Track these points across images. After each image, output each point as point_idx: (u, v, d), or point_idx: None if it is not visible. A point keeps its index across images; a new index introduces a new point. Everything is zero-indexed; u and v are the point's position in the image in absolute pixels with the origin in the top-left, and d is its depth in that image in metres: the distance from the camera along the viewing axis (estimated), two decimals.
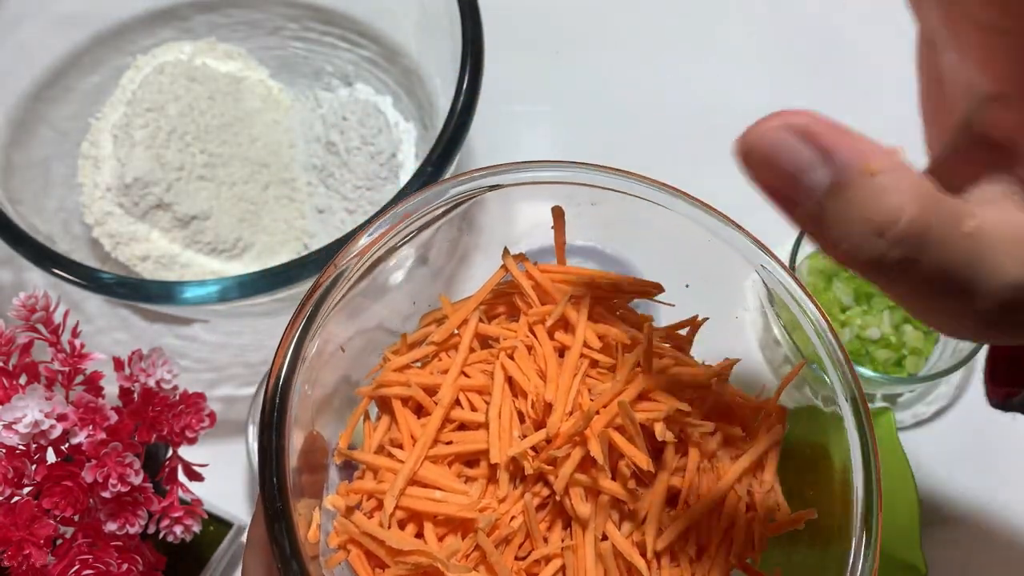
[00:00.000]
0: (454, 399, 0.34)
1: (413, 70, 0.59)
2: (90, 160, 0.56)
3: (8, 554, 0.37)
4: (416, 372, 0.35)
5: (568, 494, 0.32)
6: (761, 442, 0.34)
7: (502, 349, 0.35)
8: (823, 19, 0.69)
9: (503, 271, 0.36)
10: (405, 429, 0.34)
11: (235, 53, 0.60)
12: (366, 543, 0.32)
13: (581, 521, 0.32)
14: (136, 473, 0.38)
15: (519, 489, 0.33)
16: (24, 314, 0.40)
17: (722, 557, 0.33)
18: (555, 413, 0.32)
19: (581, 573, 0.32)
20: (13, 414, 0.37)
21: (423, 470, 0.33)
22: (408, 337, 0.36)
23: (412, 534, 0.32)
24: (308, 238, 0.57)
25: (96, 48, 0.58)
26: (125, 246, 0.54)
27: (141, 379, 0.40)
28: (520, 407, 0.34)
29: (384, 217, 0.33)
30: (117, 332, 0.58)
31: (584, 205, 0.36)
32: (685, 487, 0.33)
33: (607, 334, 0.34)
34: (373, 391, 0.35)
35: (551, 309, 0.35)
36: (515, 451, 0.32)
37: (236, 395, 0.57)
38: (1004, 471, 0.56)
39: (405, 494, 0.32)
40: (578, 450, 0.31)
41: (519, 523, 0.32)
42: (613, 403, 0.31)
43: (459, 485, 0.33)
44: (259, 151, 0.57)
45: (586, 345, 0.34)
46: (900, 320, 0.56)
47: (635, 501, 0.32)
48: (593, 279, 0.36)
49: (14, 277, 0.58)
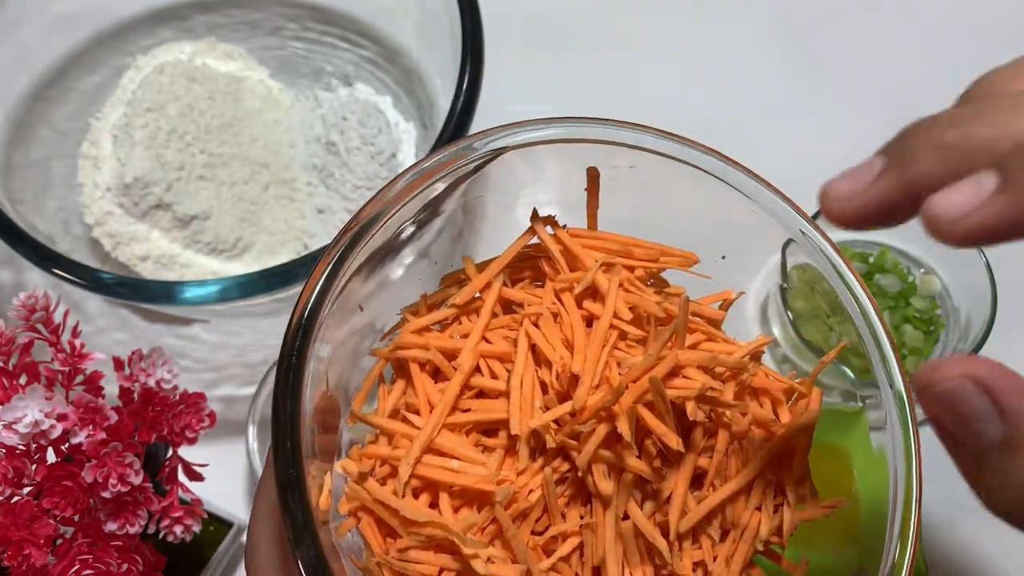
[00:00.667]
0: (474, 365, 0.33)
1: (413, 70, 0.59)
2: (90, 160, 0.56)
3: (8, 554, 0.37)
4: (435, 335, 0.34)
5: (591, 470, 0.30)
6: (793, 425, 0.33)
7: (526, 315, 0.33)
8: (825, 20, 0.69)
9: (530, 234, 0.35)
10: (422, 394, 0.33)
11: (235, 53, 0.60)
12: (378, 511, 0.31)
13: (603, 499, 0.31)
14: (136, 473, 0.38)
15: (538, 462, 0.31)
16: (24, 314, 0.40)
17: (746, 542, 0.32)
18: (582, 386, 0.30)
19: (600, 552, 0.31)
20: (13, 414, 0.37)
21: (440, 438, 0.31)
22: (428, 297, 0.35)
23: (426, 504, 0.31)
24: (308, 238, 0.57)
25: (96, 48, 0.58)
26: (125, 246, 0.54)
27: (141, 379, 0.40)
28: (543, 377, 0.32)
29: (415, 169, 0.32)
30: (117, 332, 0.58)
31: (621, 168, 0.34)
32: (712, 469, 0.32)
33: (639, 305, 0.32)
34: (390, 353, 0.33)
35: (580, 276, 0.33)
36: (537, 423, 0.30)
37: (236, 395, 0.57)
38: None
39: (421, 462, 0.31)
40: (604, 425, 0.30)
41: (537, 497, 0.31)
42: (643, 378, 0.30)
43: (477, 455, 0.31)
44: (259, 151, 0.57)
45: (616, 316, 0.32)
46: (900, 320, 0.56)
47: (660, 481, 0.31)
48: (626, 246, 0.34)
49: (14, 277, 0.58)
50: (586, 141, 0.34)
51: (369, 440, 0.33)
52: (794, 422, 0.33)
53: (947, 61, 0.66)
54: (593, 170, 0.34)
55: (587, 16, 0.69)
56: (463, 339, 0.33)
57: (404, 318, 0.35)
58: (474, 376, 0.33)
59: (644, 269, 0.34)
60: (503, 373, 0.33)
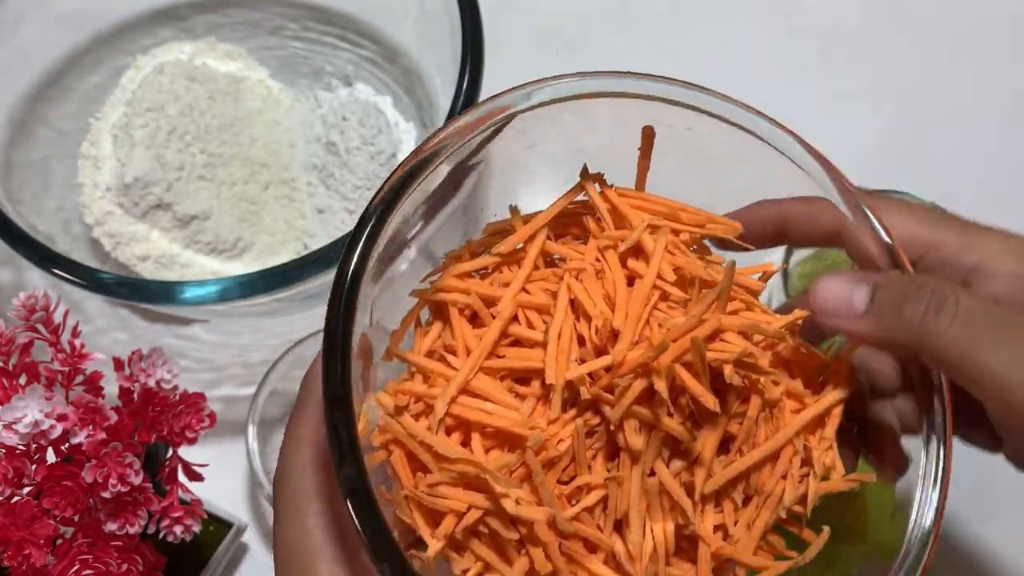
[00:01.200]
0: (513, 313, 0.33)
1: (413, 70, 0.59)
2: (90, 160, 0.56)
3: (8, 554, 0.37)
4: (476, 282, 0.34)
5: (622, 425, 0.31)
6: (826, 398, 0.33)
7: (568, 270, 0.33)
8: (824, 22, 0.69)
9: (577, 190, 0.35)
10: (460, 338, 0.33)
11: (235, 53, 0.60)
12: (411, 445, 0.31)
13: (632, 454, 0.31)
14: (136, 473, 0.38)
15: (570, 413, 0.32)
16: (24, 314, 0.40)
17: (769, 508, 0.33)
18: (622, 340, 0.30)
19: (624, 505, 0.31)
20: (13, 414, 0.37)
21: (476, 380, 0.32)
22: (472, 244, 0.35)
23: (457, 443, 0.31)
24: (308, 238, 0.57)
25: (96, 48, 0.58)
26: (125, 246, 0.54)
27: (141, 379, 0.40)
28: (581, 330, 0.32)
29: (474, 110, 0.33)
30: (117, 332, 0.58)
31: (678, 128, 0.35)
32: (742, 434, 0.32)
33: (684, 267, 0.33)
34: (432, 295, 0.34)
35: (626, 234, 0.33)
36: (574, 374, 0.31)
37: (236, 395, 0.57)
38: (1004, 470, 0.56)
39: (456, 402, 0.31)
40: (640, 381, 0.30)
41: (566, 447, 0.31)
42: (684, 339, 0.30)
43: (511, 400, 0.32)
44: (259, 151, 0.57)
45: (660, 276, 0.32)
46: None
47: (690, 441, 0.31)
48: (673, 210, 0.35)
49: (14, 277, 0.58)
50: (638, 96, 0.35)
51: (404, 378, 0.33)
52: (826, 395, 0.34)
53: (950, 65, 0.66)
54: (649, 129, 0.34)
55: (587, 16, 0.69)
56: (503, 288, 0.33)
57: (446, 262, 0.35)
58: (511, 325, 0.33)
59: (689, 234, 0.35)
60: (540, 325, 0.33)
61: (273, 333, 0.58)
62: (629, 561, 0.31)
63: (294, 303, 0.51)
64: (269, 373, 0.51)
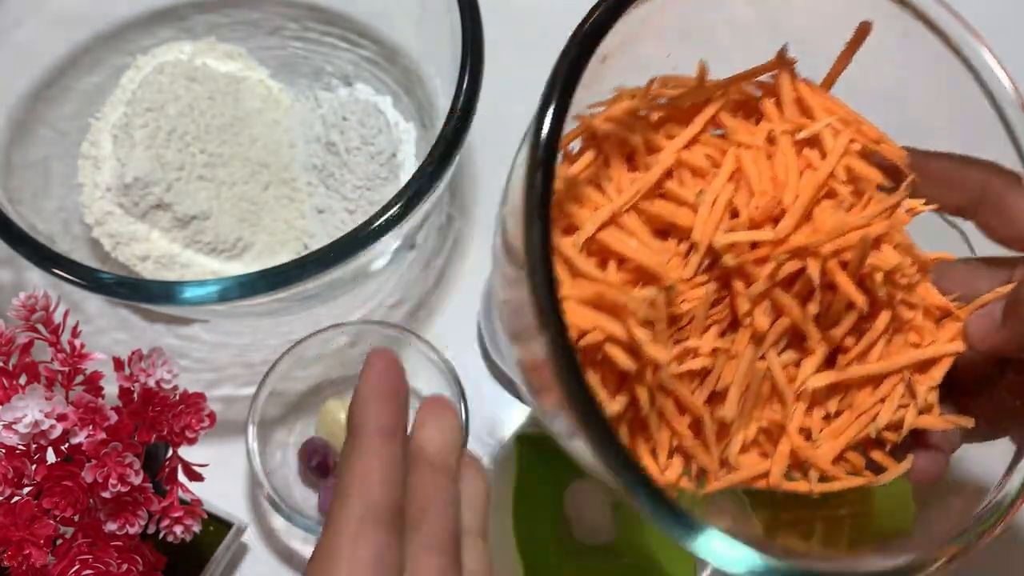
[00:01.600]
0: (672, 164, 0.33)
1: (413, 70, 0.59)
2: (90, 160, 0.56)
3: (8, 554, 0.37)
4: (644, 124, 0.34)
5: (756, 303, 0.31)
6: (947, 345, 0.34)
7: (738, 142, 0.33)
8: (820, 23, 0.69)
9: (765, 68, 0.35)
10: (615, 174, 0.33)
11: (235, 53, 0.60)
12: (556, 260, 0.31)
13: (755, 334, 0.32)
14: (136, 473, 0.38)
15: (701, 278, 0.32)
16: (24, 314, 0.40)
17: (861, 424, 0.33)
18: (789, 218, 0.31)
19: (727, 380, 0.32)
20: (13, 414, 0.37)
21: (625, 216, 0.32)
22: (648, 87, 0.35)
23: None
24: (308, 238, 0.57)
25: (96, 48, 0.58)
26: (125, 246, 0.54)
27: (141, 379, 0.40)
28: (737, 203, 0.32)
29: None
30: (117, 332, 0.58)
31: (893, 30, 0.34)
32: (859, 348, 0.33)
33: (860, 171, 0.33)
34: (600, 123, 0.33)
35: (806, 124, 0.34)
36: (727, 239, 0.31)
37: (236, 395, 0.57)
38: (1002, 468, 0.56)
39: (602, 230, 0.31)
40: (794, 263, 0.31)
41: (687, 308, 0.31)
42: (851, 235, 0.31)
43: (655, 242, 0.32)
44: (259, 151, 0.57)
45: (832, 174, 0.32)
46: None
47: (810, 338, 0.32)
48: (855, 119, 0.35)
49: (14, 277, 0.58)
50: None
51: (560, 198, 0.33)
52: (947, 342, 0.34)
53: None
54: (866, 25, 0.34)
55: None
56: (668, 139, 0.33)
57: (617, 96, 0.34)
58: (665, 180, 0.33)
59: (862, 147, 0.34)
60: (692, 188, 0.33)
61: (273, 333, 0.58)
62: (712, 434, 0.32)
63: (294, 303, 0.51)
64: (269, 373, 0.51)
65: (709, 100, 0.34)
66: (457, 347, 0.57)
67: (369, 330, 0.54)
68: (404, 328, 0.53)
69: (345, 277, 0.49)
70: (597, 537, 0.53)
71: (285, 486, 0.52)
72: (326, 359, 0.55)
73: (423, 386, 0.55)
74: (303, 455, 0.53)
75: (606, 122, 0.33)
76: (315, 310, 0.57)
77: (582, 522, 0.54)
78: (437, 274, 0.60)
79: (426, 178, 0.45)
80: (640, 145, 0.33)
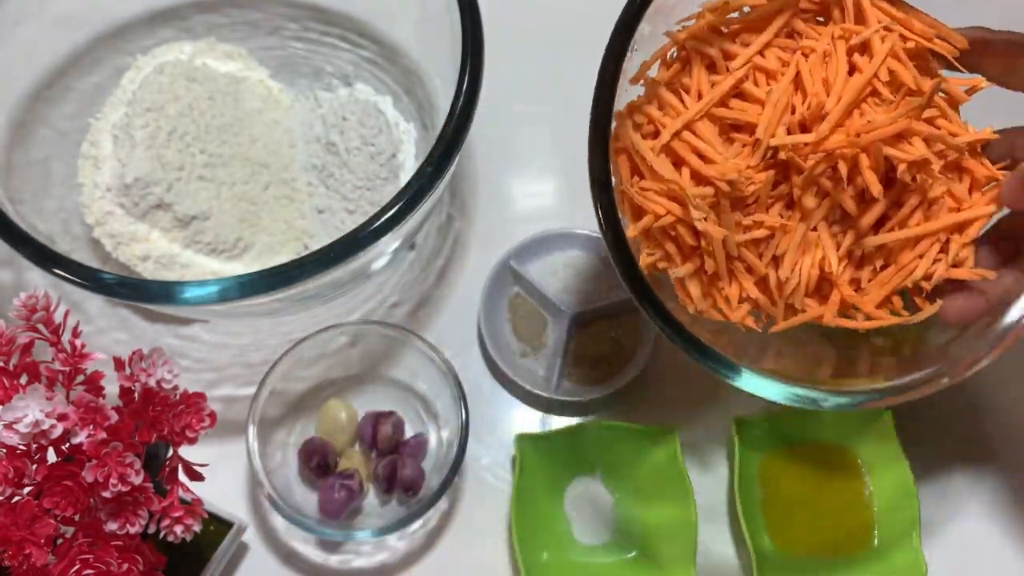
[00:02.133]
0: (746, 72, 0.40)
1: (413, 70, 0.59)
2: (90, 160, 0.56)
3: (9, 554, 0.37)
4: (721, 37, 0.41)
5: (806, 187, 0.39)
6: (980, 209, 0.40)
7: (802, 48, 0.40)
8: None
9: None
10: (696, 81, 0.41)
11: (235, 53, 0.60)
12: (635, 156, 0.41)
13: (804, 211, 0.40)
14: (136, 473, 0.38)
15: (766, 162, 0.40)
16: (25, 314, 0.40)
17: (901, 276, 0.41)
18: (828, 122, 0.38)
19: (784, 246, 0.40)
20: (14, 414, 0.37)
21: (699, 123, 0.40)
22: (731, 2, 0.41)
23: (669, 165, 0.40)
24: (308, 238, 0.57)
25: (96, 48, 0.58)
26: (125, 246, 0.54)
27: (141, 379, 0.40)
28: (795, 103, 0.39)
29: None
30: (117, 332, 0.58)
31: None
32: (897, 219, 0.40)
33: (899, 72, 0.39)
34: (684, 38, 0.41)
35: (860, 29, 0.40)
36: (778, 141, 0.39)
37: (236, 395, 0.57)
38: (1003, 468, 0.56)
39: (678, 136, 0.40)
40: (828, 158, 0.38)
41: (753, 189, 0.39)
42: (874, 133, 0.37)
43: (722, 149, 0.40)
44: (259, 151, 0.57)
45: (875, 76, 0.39)
46: None
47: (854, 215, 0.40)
48: (909, 17, 0.41)
49: (14, 277, 0.58)
50: None
51: (643, 101, 0.42)
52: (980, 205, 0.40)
53: None
54: None
55: (588, 16, 0.69)
56: (743, 47, 0.41)
57: (703, 12, 0.41)
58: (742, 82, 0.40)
59: (916, 43, 0.40)
60: (765, 86, 0.40)
61: (273, 333, 0.58)
62: (776, 286, 0.41)
63: (294, 303, 0.51)
64: (269, 373, 0.51)
65: (782, 10, 0.41)
66: (457, 347, 0.57)
67: (369, 330, 0.54)
68: (404, 328, 0.53)
69: (345, 277, 0.49)
70: (597, 537, 0.54)
71: (285, 486, 0.52)
72: (326, 359, 0.55)
73: (423, 386, 0.55)
74: (303, 455, 0.53)
75: (690, 37, 0.41)
76: (315, 310, 0.57)
77: (582, 522, 0.54)
78: (437, 274, 0.60)
79: (426, 178, 0.45)
80: (718, 56, 0.41)
